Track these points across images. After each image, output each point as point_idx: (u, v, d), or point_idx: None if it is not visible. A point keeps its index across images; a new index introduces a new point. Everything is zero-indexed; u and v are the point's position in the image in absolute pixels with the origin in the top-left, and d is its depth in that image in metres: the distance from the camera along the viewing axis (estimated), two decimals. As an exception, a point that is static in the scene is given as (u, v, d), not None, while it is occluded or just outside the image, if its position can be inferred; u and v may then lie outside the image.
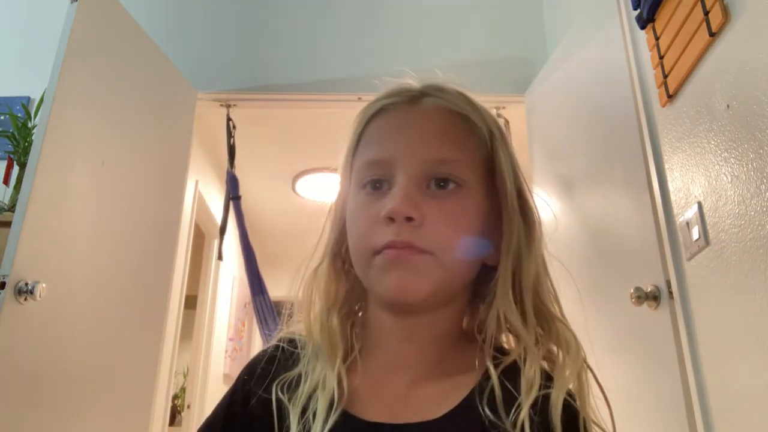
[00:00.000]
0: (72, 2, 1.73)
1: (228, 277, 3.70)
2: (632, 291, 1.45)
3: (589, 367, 0.57)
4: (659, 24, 1.46)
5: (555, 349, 0.56)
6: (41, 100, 1.93)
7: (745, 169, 1.14)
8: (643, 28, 1.55)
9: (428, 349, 0.57)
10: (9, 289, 1.40)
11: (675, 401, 1.33)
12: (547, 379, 0.53)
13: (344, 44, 2.58)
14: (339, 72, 2.52)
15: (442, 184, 0.54)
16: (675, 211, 1.41)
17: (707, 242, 1.26)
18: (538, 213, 0.59)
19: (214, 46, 2.57)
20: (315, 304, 0.59)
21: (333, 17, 2.64)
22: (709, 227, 1.26)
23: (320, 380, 0.54)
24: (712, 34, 1.22)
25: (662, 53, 1.45)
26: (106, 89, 1.90)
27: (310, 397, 0.54)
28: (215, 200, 3.16)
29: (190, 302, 3.05)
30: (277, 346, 0.61)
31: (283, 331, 0.62)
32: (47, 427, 1.54)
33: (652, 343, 1.47)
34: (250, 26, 2.61)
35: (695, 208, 1.31)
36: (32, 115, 2.13)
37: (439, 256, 0.52)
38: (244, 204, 2.55)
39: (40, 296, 1.45)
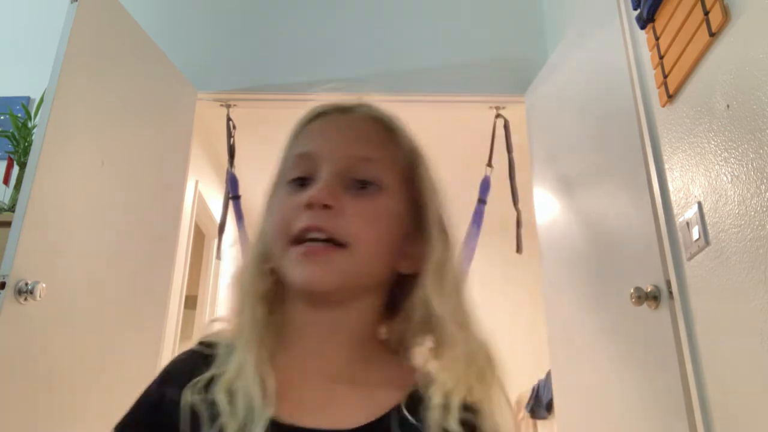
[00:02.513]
0: (72, 2, 1.73)
1: (228, 278, 3.69)
2: (632, 291, 1.45)
3: (500, 382, 0.58)
4: (659, 24, 1.46)
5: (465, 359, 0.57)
6: (41, 100, 1.93)
7: (745, 169, 1.14)
8: (643, 28, 1.55)
9: (343, 349, 0.58)
10: (9, 289, 1.40)
11: (675, 401, 1.33)
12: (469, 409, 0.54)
13: (344, 44, 2.58)
14: (339, 72, 2.52)
15: (362, 184, 0.56)
16: (675, 211, 1.41)
17: (707, 242, 1.26)
18: (453, 236, 0.62)
19: (214, 46, 2.57)
20: (239, 301, 0.59)
21: (333, 17, 2.64)
22: (709, 227, 1.26)
23: (236, 381, 0.53)
24: (712, 34, 1.22)
25: (662, 53, 1.45)
26: (106, 89, 1.90)
27: (226, 398, 0.52)
28: (215, 200, 3.16)
29: (190, 302, 3.05)
30: (194, 349, 0.59)
31: (202, 334, 0.61)
32: (47, 427, 1.54)
33: (652, 343, 1.47)
34: (250, 26, 2.61)
35: (695, 208, 1.31)
36: (32, 115, 2.13)
37: (352, 248, 0.54)
38: (244, 204, 2.55)
39: (40, 296, 1.45)
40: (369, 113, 0.63)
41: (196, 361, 0.57)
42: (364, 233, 0.55)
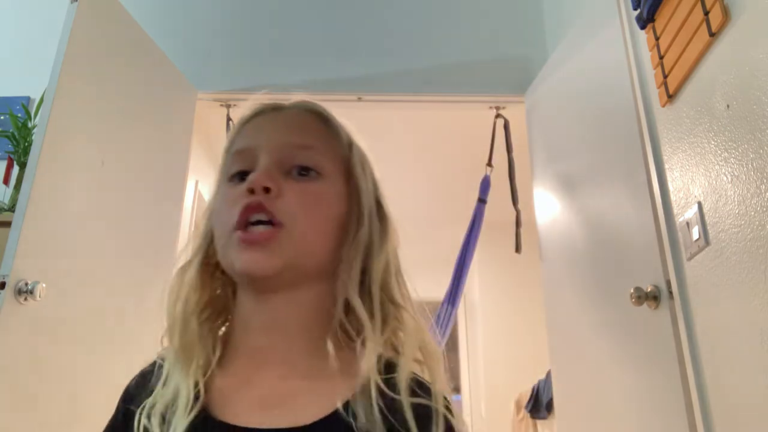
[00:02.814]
0: (72, 2, 1.73)
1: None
2: (632, 291, 1.45)
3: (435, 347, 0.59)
4: (659, 24, 1.46)
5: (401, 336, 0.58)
6: (41, 100, 1.93)
7: (745, 169, 1.14)
8: (643, 28, 1.55)
9: (294, 341, 0.57)
10: (9, 289, 1.40)
11: (675, 401, 1.33)
12: (420, 387, 0.55)
13: (344, 44, 2.58)
14: (339, 72, 2.52)
15: (303, 172, 0.58)
16: (675, 211, 1.41)
17: (707, 242, 1.26)
18: (394, 223, 0.63)
19: (214, 46, 2.57)
20: (176, 310, 0.59)
21: (333, 17, 2.64)
22: (709, 227, 1.26)
23: (177, 387, 0.54)
24: (712, 34, 1.22)
25: (662, 53, 1.45)
26: (106, 89, 1.89)
27: (168, 408, 0.53)
28: (215, 200, 3.16)
29: (190, 302, 3.05)
30: (153, 363, 0.60)
31: (161, 348, 0.61)
32: (47, 427, 1.54)
33: (652, 343, 1.47)
34: (250, 26, 2.61)
35: (695, 208, 1.31)
36: (32, 115, 2.13)
37: (289, 228, 0.54)
38: (244, 204, 2.55)
39: (40, 296, 1.45)
40: (305, 107, 0.65)
41: (155, 377, 0.57)
42: (302, 213, 0.56)
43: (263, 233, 0.54)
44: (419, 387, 0.55)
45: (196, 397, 0.53)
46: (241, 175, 0.58)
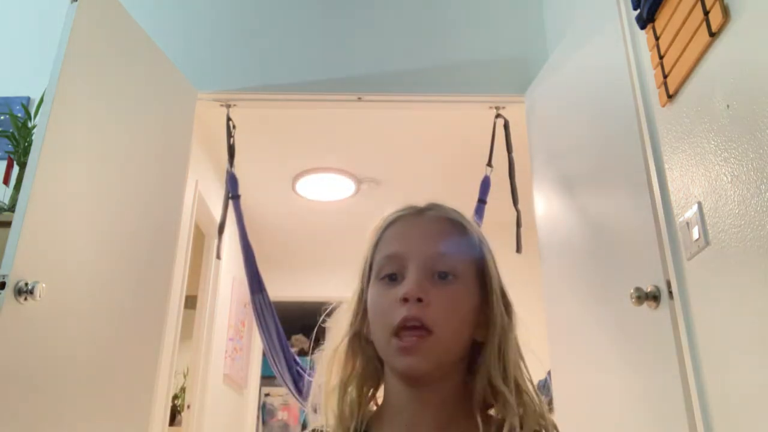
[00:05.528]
0: (72, 2, 1.73)
1: (228, 277, 3.70)
2: (632, 291, 1.45)
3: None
4: (659, 24, 1.46)
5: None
6: (41, 100, 1.93)
7: (745, 169, 1.14)
8: (643, 28, 1.55)
9: (439, 413, 0.68)
10: (9, 289, 1.40)
11: (675, 401, 1.33)
12: None
13: (344, 44, 2.58)
14: (339, 72, 2.52)
15: (442, 275, 0.68)
16: (675, 211, 1.41)
17: (707, 242, 1.26)
18: (514, 308, 0.74)
19: (214, 46, 2.57)
20: (332, 379, 0.71)
21: (333, 17, 2.64)
22: (709, 227, 1.26)
23: None
24: (712, 34, 1.22)
25: (662, 53, 1.45)
26: (106, 89, 1.90)
27: None
28: (215, 200, 3.16)
29: (190, 302, 3.05)
30: None
31: (312, 425, 0.72)
32: (47, 428, 1.54)
33: (652, 343, 1.47)
34: (250, 26, 2.61)
35: (695, 208, 1.31)
36: (32, 115, 2.13)
37: (437, 334, 0.65)
38: (244, 204, 2.55)
39: (40, 296, 1.45)
40: (440, 214, 0.75)
41: None
42: (446, 319, 0.67)
43: (417, 340, 0.65)
44: None
45: None
46: (391, 276, 0.69)
